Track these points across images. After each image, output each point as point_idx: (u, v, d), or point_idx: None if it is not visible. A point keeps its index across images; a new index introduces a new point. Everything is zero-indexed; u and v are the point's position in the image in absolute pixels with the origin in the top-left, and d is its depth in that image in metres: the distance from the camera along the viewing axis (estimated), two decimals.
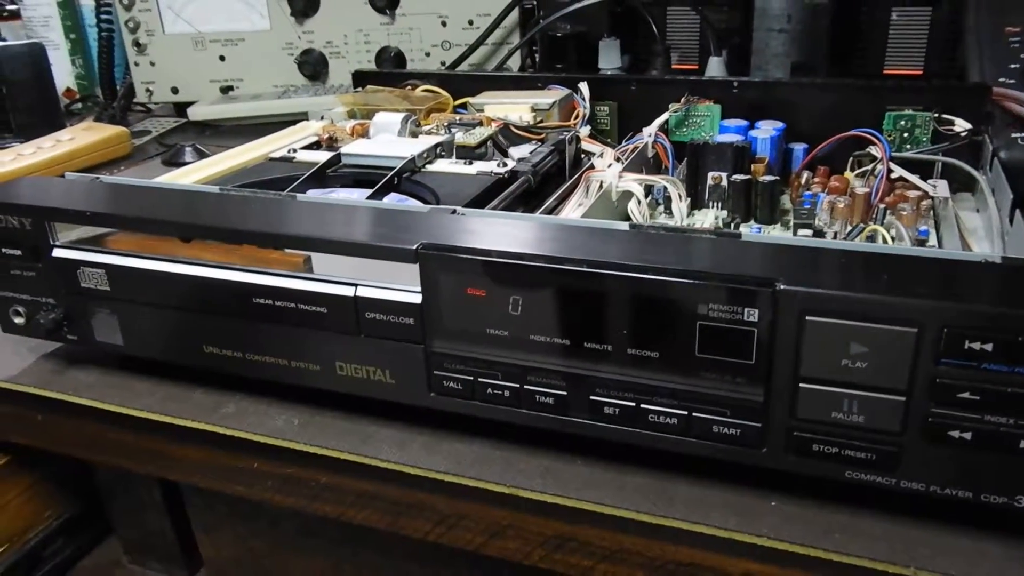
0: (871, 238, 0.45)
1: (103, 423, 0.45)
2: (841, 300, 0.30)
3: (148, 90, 1.01)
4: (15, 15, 1.13)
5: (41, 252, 0.43)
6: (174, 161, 0.84)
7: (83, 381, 0.46)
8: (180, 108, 1.02)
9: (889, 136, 0.57)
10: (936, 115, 0.57)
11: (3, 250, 0.44)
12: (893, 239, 0.45)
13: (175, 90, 1.01)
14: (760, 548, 0.33)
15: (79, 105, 1.12)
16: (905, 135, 0.58)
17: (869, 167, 0.54)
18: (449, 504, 0.39)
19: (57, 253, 0.43)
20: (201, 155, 0.82)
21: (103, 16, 0.99)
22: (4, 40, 0.90)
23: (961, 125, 0.56)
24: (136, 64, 1.00)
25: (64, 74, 1.10)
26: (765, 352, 0.32)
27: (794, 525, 0.34)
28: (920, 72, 0.75)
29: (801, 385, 0.32)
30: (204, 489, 0.48)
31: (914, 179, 0.52)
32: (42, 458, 0.59)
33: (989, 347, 0.29)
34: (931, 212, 0.50)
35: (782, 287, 0.31)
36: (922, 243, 0.47)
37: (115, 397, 0.45)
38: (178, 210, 0.43)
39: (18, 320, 0.46)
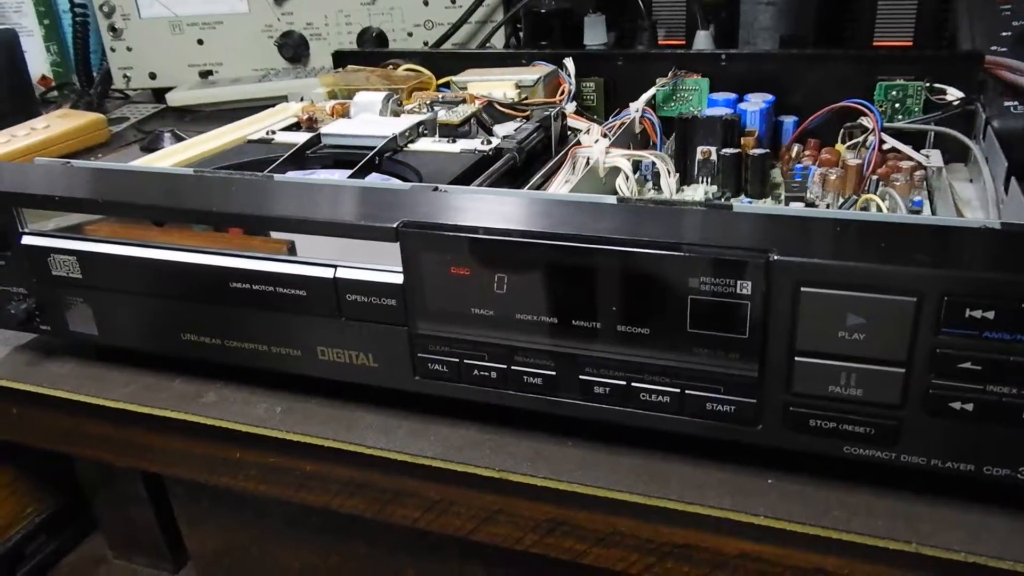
0: (866, 208, 0.44)
1: (80, 415, 0.44)
2: (837, 270, 0.29)
3: (125, 76, 0.99)
4: None
5: (10, 240, 0.42)
6: (152, 147, 0.82)
7: (58, 373, 0.45)
8: (159, 94, 0.99)
9: (880, 107, 0.56)
10: (928, 84, 0.56)
11: None
12: (888, 209, 0.44)
13: (153, 76, 0.99)
14: (756, 527, 0.33)
15: (55, 93, 1.10)
16: (896, 105, 0.57)
17: (860, 139, 0.53)
18: (438, 490, 0.38)
19: (26, 240, 0.42)
20: (180, 141, 0.80)
21: (77, 1, 0.97)
22: None
23: (953, 94, 0.55)
24: (112, 50, 0.98)
25: (39, 62, 1.08)
26: (759, 325, 0.31)
27: (792, 503, 0.33)
28: (910, 44, 0.74)
29: (797, 359, 0.31)
30: (187, 481, 0.47)
31: (907, 149, 0.51)
32: (22, 453, 0.58)
33: (991, 315, 0.28)
34: (924, 183, 0.49)
35: (776, 257, 0.30)
36: (916, 214, 0.46)
37: (91, 388, 0.43)
38: (152, 193, 0.41)
39: None
